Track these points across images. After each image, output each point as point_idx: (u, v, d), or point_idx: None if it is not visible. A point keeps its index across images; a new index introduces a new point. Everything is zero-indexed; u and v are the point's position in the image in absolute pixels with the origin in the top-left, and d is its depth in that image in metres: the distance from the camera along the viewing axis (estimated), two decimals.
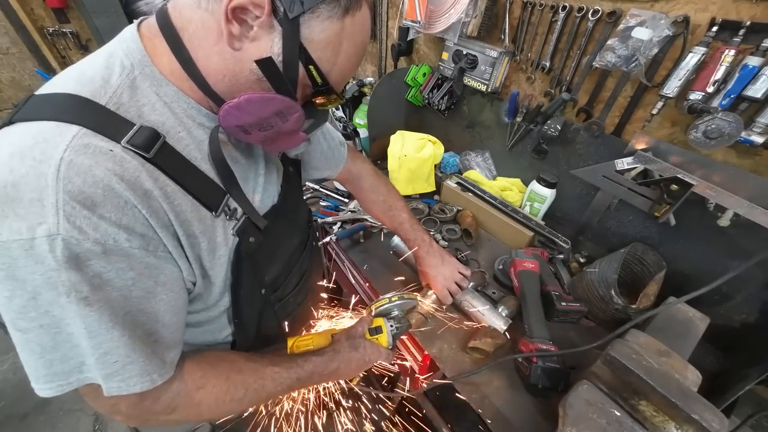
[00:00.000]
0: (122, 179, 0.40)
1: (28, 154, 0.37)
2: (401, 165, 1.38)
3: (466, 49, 1.29)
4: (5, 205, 0.37)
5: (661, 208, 0.96)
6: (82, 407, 1.82)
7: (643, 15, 0.89)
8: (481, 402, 0.81)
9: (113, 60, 0.45)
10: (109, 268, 0.41)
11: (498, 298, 1.04)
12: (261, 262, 0.63)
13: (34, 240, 0.37)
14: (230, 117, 0.47)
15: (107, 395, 0.44)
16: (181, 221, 0.47)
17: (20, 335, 0.41)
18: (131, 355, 0.44)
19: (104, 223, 0.39)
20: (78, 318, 0.40)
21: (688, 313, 0.88)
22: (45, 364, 0.42)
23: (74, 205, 0.37)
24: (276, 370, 0.61)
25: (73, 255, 0.38)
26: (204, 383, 0.53)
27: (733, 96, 0.81)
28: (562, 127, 1.15)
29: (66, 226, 0.37)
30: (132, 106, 0.44)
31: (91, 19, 2.80)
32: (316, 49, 0.45)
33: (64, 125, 0.39)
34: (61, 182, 0.37)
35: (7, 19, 2.70)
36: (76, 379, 0.44)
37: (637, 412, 0.64)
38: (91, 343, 0.42)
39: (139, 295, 0.44)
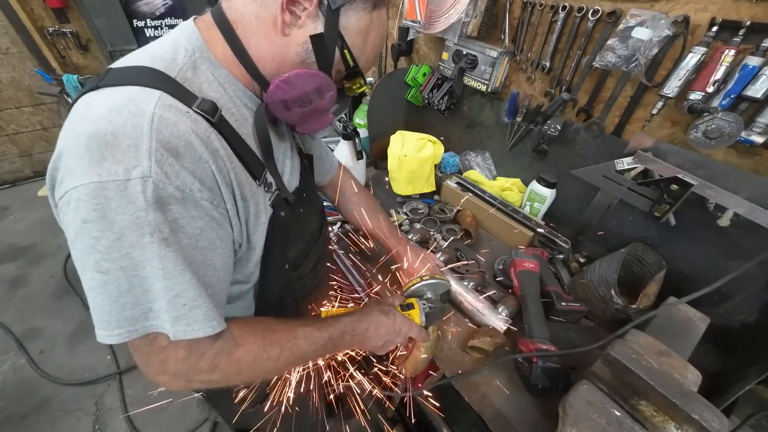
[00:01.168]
0: (198, 136, 0.47)
1: (124, 109, 0.43)
2: (401, 165, 1.38)
3: (466, 49, 1.29)
4: (105, 150, 0.41)
5: (661, 208, 0.96)
6: (82, 407, 1.82)
7: (643, 15, 0.89)
8: (481, 402, 0.81)
9: (177, 45, 0.52)
10: (185, 215, 0.46)
11: (498, 298, 1.04)
12: (287, 238, 0.67)
13: (129, 181, 0.41)
14: (279, 91, 0.54)
15: (173, 339, 0.47)
16: (239, 182, 0.53)
17: (101, 277, 0.43)
18: (198, 300, 0.48)
19: (184, 171, 0.45)
20: (157, 259, 0.44)
21: (688, 313, 0.88)
22: (118, 308, 0.45)
23: (163, 153, 0.43)
24: (308, 329, 0.63)
25: (159, 197, 0.43)
26: (243, 341, 0.55)
27: (733, 96, 0.81)
28: (562, 127, 1.15)
29: (156, 170, 0.42)
30: (194, 82, 0.51)
31: (91, 19, 2.80)
32: (350, 36, 0.54)
33: (149, 89, 0.45)
34: (154, 132, 0.42)
35: (7, 19, 2.70)
36: (141, 327, 0.46)
37: (637, 412, 0.64)
38: (165, 284, 0.45)
39: (204, 246, 0.49)
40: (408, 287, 0.84)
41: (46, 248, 2.71)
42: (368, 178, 1.53)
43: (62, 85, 2.86)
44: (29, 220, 2.98)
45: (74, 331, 2.17)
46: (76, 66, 3.09)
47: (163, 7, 2.88)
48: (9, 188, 3.37)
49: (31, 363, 1.98)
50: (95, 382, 1.92)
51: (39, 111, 3.27)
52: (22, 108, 3.18)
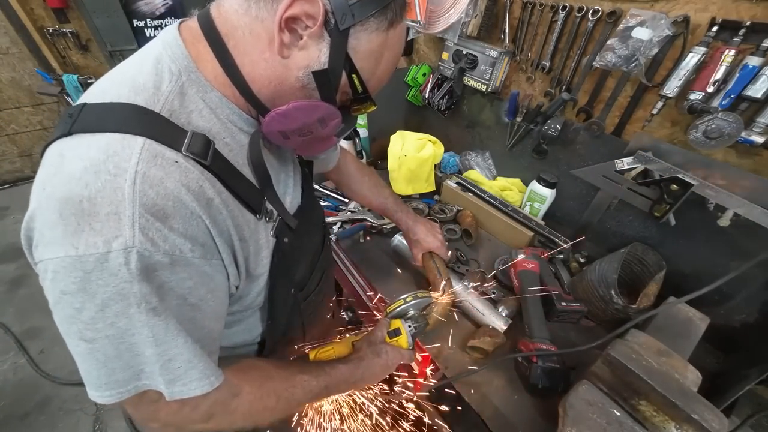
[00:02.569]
0: (189, 190, 0.42)
1: (102, 169, 0.38)
2: (401, 165, 1.38)
3: (466, 49, 1.29)
4: (81, 220, 0.37)
5: (661, 208, 0.96)
6: (82, 407, 1.82)
7: (643, 15, 0.89)
8: (481, 402, 0.81)
9: (161, 66, 0.45)
10: (173, 278, 0.42)
11: (498, 298, 1.04)
12: (292, 262, 0.65)
13: (110, 254, 0.37)
14: (275, 123, 0.48)
15: (169, 399, 0.45)
16: (235, 226, 0.49)
17: (85, 345, 0.41)
18: (193, 360, 0.45)
19: (173, 234, 0.40)
20: (146, 327, 0.41)
21: (688, 313, 0.88)
22: (107, 373, 0.42)
23: (148, 218, 0.38)
24: (305, 378, 0.61)
25: (145, 266, 0.39)
26: (238, 391, 0.53)
27: (733, 96, 0.81)
28: (562, 127, 1.15)
29: (141, 239, 0.38)
30: (182, 113, 0.44)
31: (91, 19, 2.80)
32: (360, 59, 0.46)
33: (130, 137, 0.39)
34: (137, 195, 0.38)
35: (7, 19, 2.70)
36: (133, 387, 0.44)
37: (637, 412, 0.64)
38: (157, 351, 0.42)
39: (193, 303, 0.45)
40: (392, 309, 0.84)
41: None
42: None
43: (62, 85, 2.86)
44: None
45: None
46: (76, 66, 3.09)
47: (163, 7, 2.88)
48: (9, 188, 3.37)
49: (31, 363, 1.98)
50: None
51: (39, 111, 3.27)
52: (22, 108, 3.18)
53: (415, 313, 0.84)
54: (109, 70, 0.48)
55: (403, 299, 0.83)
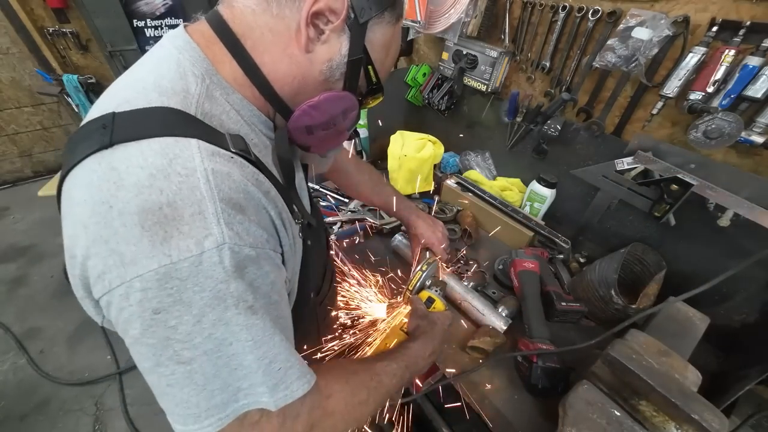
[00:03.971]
0: (251, 182, 0.41)
1: (170, 171, 0.36)
2: (401, 165, 1.37)
3: (466, 49, 1.29)
4: (167, 226, 0.35)
5: (661, 208, 0.96)
6: (82, 407, 1.82)
7: (643, 15, 0.89)
8: (481, 402, 0.81)
9: (183, 70, 0.43)
10: (259, 273, 0.41)
11: (498, 298, 1.04)
12: (312, 265, 0.63)
13: (203, 254, 0.36)
14: (305, 117, 0.48)
15: (275, 409, 0.42)
16: (287, 221, 0.49)
17: (183, 369, 0.38)
18: (290, 359, 0.43)
19: (253, 226, 0.40)
20: (244, 331, 0.39)
21: (688, 313, 0.88)
22: (207, 397, 0.39)
23: (230, 212, 0.37)
24: (384, 363, 0.60)
25: (237, 263, 0.38)
26: (330, 391, 0.50)
27: (733, 96, 0.81)
28: (562, 127, 1.15)
29: (229, 234, 0.37)
30: (214, 115, 0.43)
31: (91, 19, 2.80)
32: (374, 51, 0.49)
33: (182, 139, 0.38)
34: (214, 191, 0.37)
35: (7, 19, 2.70)
36: (232, 410, 0.41)
37: (637, 412, 0.64)
38: (257, 354, 0.40)
39: (276, 300, 0.44)
40: (413, 285, 0.90)
41: (46, 248, 2.71)
42: None
43: (62, 85, 2.86)
44: (29, 220, 2.98)
45: (74, 331, 2.17)
46: (76, 66, 3.09)
47: (163, 7, 2.88)
48: (9, 188, 3.37)
49: (31, 363, 1.98)
50: (95, 382, 1.92)
51: (39, 111, 3.27)
52: (22, 108, 3.19)
53: (432, 280, 0.91)
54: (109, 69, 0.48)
55: (419, 271, 0.90)
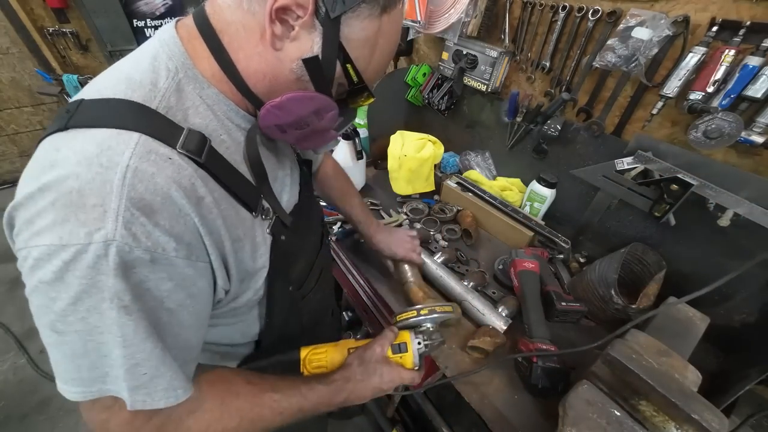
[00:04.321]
0: (180, 186, 0.41)
1: (94, 161, 0.38)
2: (401, 165, 1.38)
3: (466, 49, 1.29)
4: (68, 210, 0.37)
5: (661, 208, 0.96)
6: None
7: (643, 15, 0.89)
8: (481, 402, 0.81)
9: (158, 63, 0.45)
10: (151, 278, 0.41)
11: (498, 298, 1.04)
12: (289, 259, 0.64)
13: (90, 245, 0.37)
14: (270, 116, 0.48)
15: (131, 408, 0.43)
16: (227, 226, 0.48)
17: (56, 337, 0.41)
18: (160, 368, 0.43)
19: (158, 231, 0.40)
20: (115, 326, 0.40)
21: (688, 313, 0.88)
22: (74, 368, 0.42)
23: (134, 212, 0.38)
24: (275, 398, 0.56)
25: (123, 262, 0.38)
26: (196, 407, 0.49)
27: (733, 96, 0.81)
28: (562, 127, 1.15)
29: (122, 233, 0.38)
30: (179, 110, 0.44)
31: (91, 19, 2.80)
32: (354, 48, 0.46)
33: (125, 132, 0.40)
34: (125, 189, 0.38)
35: (7, 19, 2.70)
36: (98, 389, 0.43)
37: (637, 412, 0.64)
38: (124, 352, 0.41)
39: (170, 308, 0.44)
40: (402, 319, 0.72)
41: None
42: (368, 178, 1.53)
43: (62, 85, 2.86)
44: None
45: None
46: (76, 66, 3.09)
47: (163, 7, 2.89)
48: (9, 188, 3.37)
49: (31, 363, 1.98)
50: None
51: (39, 111, 3.27)
52: (22, 108, 3.18)
53: (431, 328, 0.71)
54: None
55: (417, 310, 0.71)
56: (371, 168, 1.64)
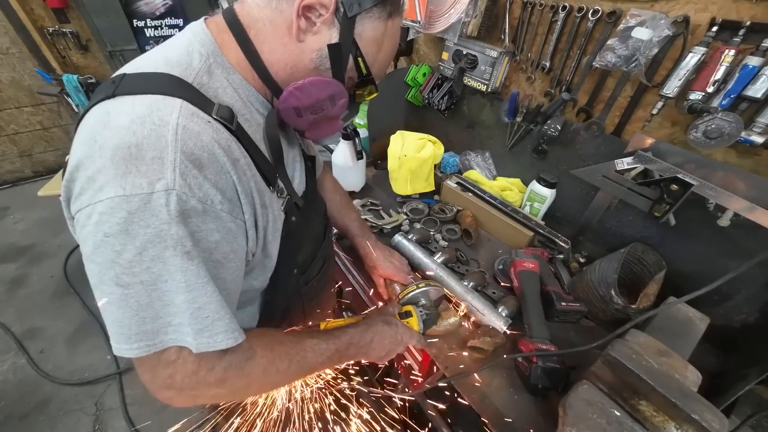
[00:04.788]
0: (220, 146, 0.46)
1: (147, 120, 0.42)
2: (401, 165, 1.37)
3: (466, 49, 1.29)
4: (129, 163, 0.41)
5: (661, 208, 0.96)
6: (82, 407, 1.82)
7: (643, 15, 0.89)
8: (481, 402, 0.81)
9: (191, 48, 0.51)
10: (203, 228, 0.45)
11: (498, 298, 1.04)
12: (296, 242, 0.67)
13: (153, 194, 0.41)
14: (292, 98, 0.54)
15: (196, 351, 0.46)
16: (258, 190, 0.53)
17: (121, 291, 0.43)
18: (220, 312, 0.47)
19: (207, 183, 0.44)
20: (179, 272, 0.43)
21: (687, 313, 0.88)
22: (138, 322, 0.44)
23: (187, 164, 0.42)
24: (314, 342, 0.62)
25: (182, 210, 0.42)
26: (252, 354, 0.54)
27: (733, 96, 0.81)
28: (562, 127, 1.15)
29: (180, 182, 0.42)
30: (210, 87, 0.50)
31: (91, 19, 2.81)
32: (365, 44, 0.53)
33: (170, 98, 0.44)
34: (178, 143, 0.42)
35: (7, 19, 2.71)
36: (160, 341, 0.45)
37: (637, 412, 0.64)
38: (187, 297, 0.44)
39: (217, 259, 0.48)
40: (403, 295, 0.86)
41: (46, 248, 2.71)
42: (368, 178, 1.52)
43: (62, 85, 2.87)
44: (29, 220, 2.98)
45: (74, 331, 2.17)
46: (76, 66, 3.09)
47: (163, 7, 2.88)
48: (9, 188, 3.37)
49: (31, 363, 1.98)
50: (95, 382, 1.92)
51: (39, 111, 3.27)
52: (22, 108, 3.18)
53: (427, 303, 0.85)
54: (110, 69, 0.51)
55: (415, 285, 0.86)
56: (371, 168, 1.64)
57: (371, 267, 1.02)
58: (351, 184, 1.42)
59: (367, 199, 1.40)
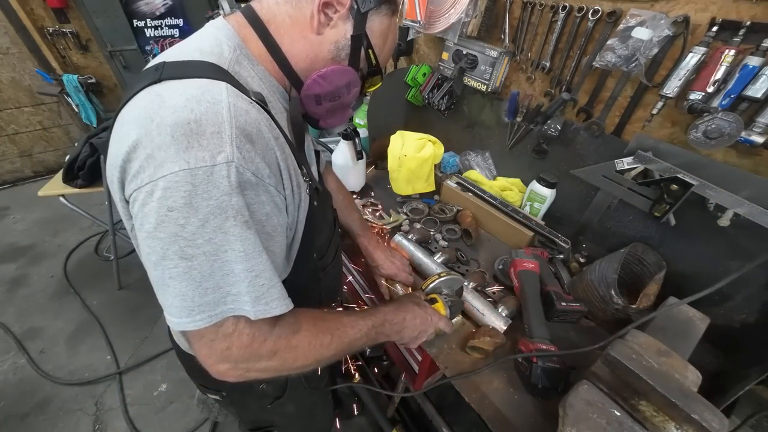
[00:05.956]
0: (264, 123, 0.49)
1: (202, 99, 0.44)
2: (401, 165, 1.37)
3: (466, 49, 1.29)
4: (191, 138, 0.42)
5: (661, 208, 0.96)
6: (82, 407, 1.82)
7: (643, 15, 0.89)
8: (481, 402, 0.81)
9: (220, 41, 0.54)
10: (256, 200, 0.48)
11: (498, 298, 1.04)
12: (317, 226, 0.69)
13: (215, 166, 0.43)
14: (315, 85, 0.58)
15: (254, 318, 0.49)
16: (293, 169, 0.56)
17: (185, 264, 0.44)
18: (273, 279, 0.50)
19: (258, 157, 0.47)
20: (239, 241, 0.45)
21: (688, 313, 0.88)
22: (201, 293, 0.46)
23: (242, 139, 0.45)
24: (352, 318, 0.66)
25: (240, 182, 0.44)
26: (298, 327, 0.57)
27: (733, 96, 0.81)
28: (562, 127, 1.15)
29: (238, 155, 0.44)
30: (241, 75, 0.53)
31: (91, 19, 2.81)
32: (374, 37, 0.59)
33: (214, 81, 0.47)
34: (233, 119, 0.45)
35: (7, 19, 2.71)
36: (221, 311, 0.47)
37: (637, 412, 0.64)
38: (247, 265, 0.47)
39: (268, 231, 0.51)
40: (427, 285, 0.89)
41: (46, 248, 2.71)
42: (368, 178, 1.53)
43: (62, 85, 2.87)
44: (29, 220, 2.98)
45: (74, 331, 2.17)
46: (76, 66, 3.09)
47: (163, 7, 2.89)
48: (9, 188, 3.37)
49: (31, 363, 1.98)
50: (95, 382, 1.92)
51: (39, 111, 3.27)
52: (22, 108, 3.18)
53: (449, 292, 0.88)
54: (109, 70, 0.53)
55: (437, 275, 0.89)
56: (371, 168, 1.64)
57: (373, 267, 1.02)
58: (351, 184, 1.43)
59: (367, 199, 1.40)
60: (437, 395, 1.28)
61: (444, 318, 0.81)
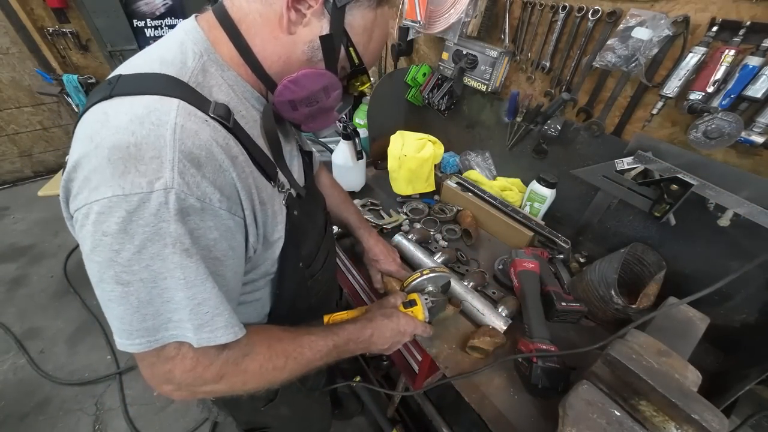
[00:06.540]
0: (218, 144, 0.46)
1: (146, 120, 0.42)
2: (401, 165, 1.37)
3: (466, 49, 1.29)
4: (128, 163, 0.41)
5: (661, 208, 0.96)
6: (82, 407, 1.82)
7: (643, 15, 0.89)
8: (481, 402, 0.81)
9: (185, 47, 0.50)
10: (201, 226, 0.45)
11: (498, 298, 1.04)
12: (300, 235, 0.67)
13: (152, 193, 0.41)
14: (287, 91, 0.53)
15: (197, 346, 0.47)
16: (257, 186, 0.53)
17: (121, 289, 0.43)
18: (219, 307, 0.48)
19: (205, 182, 0.44)
20: (178, 269, 0.44)
21: (688, 313, 0.88)
22: (139, 318, 0.44)
23: (185, 163, 0.42)
24: (312, 338, 0.63)
25: (181, 208, 0.42)
26: (249, 350, 0.55)
27: (733, 96, 0.81)
28: (562, 127, 1.15)
29: (179, 181, 0.42)
30: (205, 86, 0.50)
31: (91, 19, 2.80)
32: (355, 34, 0.53)
33: (166, 98, 0.44)
34: (177, 143, 0.42)
35: (7, 19, 2.70)
36: (161, 337, 0.46)
37: (637, 412, 0.64)
38: (187, 293, 0.45)
39: (216, 256, 0.48)
40: (408, 283, 0.86)
41: (46, 248, 2.71)
42: (368, 178, 1.53)
43: (62, 85, 2.86)
44: (29, 220, 2.97)
45: (74, 331, 2.17)
46: (76, 66, 3.09)
47: (163, 7, 2.88)
48: (9, 188, 3.37)
49: (31, 363, 1.98)
50: (95, 382, 1.92)
51: (39, 111, 3.27)
52: (22, 108, 3.18)
53: (433, 290, 0.84)
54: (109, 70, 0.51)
55: (420, 272, 0.84)
56: (371, 168, 1.64)
57: (372, 261, 1.01)
58: (351, 184, 1.43)
59: (367, 199, 1.40)
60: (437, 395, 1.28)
61: (420, 324, 0.79)
